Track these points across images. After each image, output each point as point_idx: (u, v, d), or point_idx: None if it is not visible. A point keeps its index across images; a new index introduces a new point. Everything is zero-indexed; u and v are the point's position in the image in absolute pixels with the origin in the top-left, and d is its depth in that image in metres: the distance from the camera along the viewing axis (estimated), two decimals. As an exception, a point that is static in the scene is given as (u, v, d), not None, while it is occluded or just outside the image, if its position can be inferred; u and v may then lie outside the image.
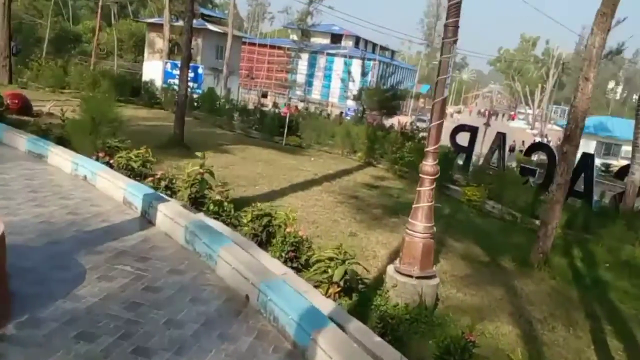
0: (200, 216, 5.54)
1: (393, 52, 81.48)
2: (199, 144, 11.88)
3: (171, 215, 4.94)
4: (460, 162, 16.31)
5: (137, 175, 7.15)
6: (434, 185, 4.83)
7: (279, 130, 15.54)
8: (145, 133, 12.06)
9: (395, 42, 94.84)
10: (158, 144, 10.65)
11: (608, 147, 38.81)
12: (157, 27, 37.61)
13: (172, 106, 18.03)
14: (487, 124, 39.82)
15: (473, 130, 19.11)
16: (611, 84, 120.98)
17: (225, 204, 5.85)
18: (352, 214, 8.06)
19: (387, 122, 17.82)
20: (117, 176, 6.09)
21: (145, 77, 38.45)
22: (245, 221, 5.43)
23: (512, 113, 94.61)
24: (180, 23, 31.23)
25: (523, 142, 43.38)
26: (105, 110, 7.52)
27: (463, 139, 19.51)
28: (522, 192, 11.96)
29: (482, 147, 19.35)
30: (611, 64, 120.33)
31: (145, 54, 39.81)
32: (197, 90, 26.05)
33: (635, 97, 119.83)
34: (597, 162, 36.39)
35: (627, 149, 38.33)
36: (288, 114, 15.71)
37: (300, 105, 51.59)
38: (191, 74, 27.25)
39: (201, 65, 25.74)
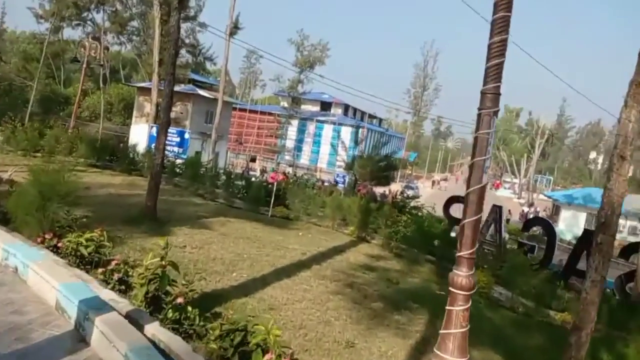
0: (155, 327, 4.24)
1: (381, 120, 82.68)
2: (174, 217, 10.66)
3: (109, 334, 3.65)
4: (454, 234, 15.28)
5: (87, 263, 5.89)
6: (470, 304, 3.64)
7: (265, 200, 14.41)
8: (115, 204, 10.83)
9: (382, 110, 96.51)
10: (126, 217, 9.42)
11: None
12: (146, 91, 37.39)
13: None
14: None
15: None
16: (592, 154, 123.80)
17: (189, 309, 4.57)
18: (348, 310, 6.76)
19: (378, 190, 16.86)
20: (53, 270, 4.82)
21: (132, 140, 37.78)
22: (212, 337, 4.14)
23: (497, 181, 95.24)
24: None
25: (510, 211, 42.76)
26: (57, 182, 6.34)
27: (457, 210, 18.58)
28: (531, 276, 10.79)
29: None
30: (591, 134, 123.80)
31: (133, 118, 39.36)
32: (183, 156, 25.08)
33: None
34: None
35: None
36: (275, 183, 14.64)
37: (289, 170, 50.96)
38: (177, 139, 26.44)
39: (188, 130, 25.00)
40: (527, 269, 10.85)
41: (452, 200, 18.83)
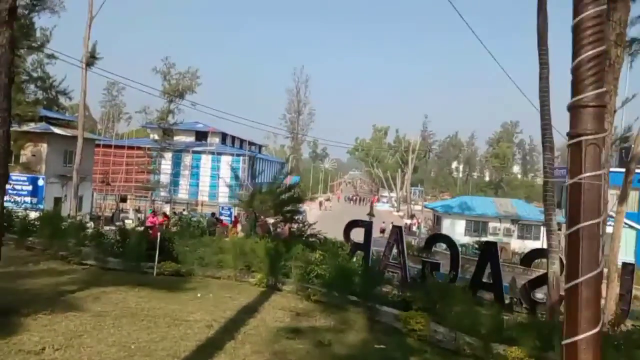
0: None
1: (260, 147, 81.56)
2: (25, 299, 7.95)
3: None
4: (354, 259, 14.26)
5: None
6: None
7: (147, 253, 11.95)
8: None
9: (259, 137, 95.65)
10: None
11: (477, 225, 40.51)
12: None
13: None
14: (371, 214, 39.48)
15: (367, 225, 17.40)
16: (454, 164, 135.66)
17: None
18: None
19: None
20: None
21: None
22: None
23: (374, 197, 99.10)
24: (15, 128, 26.26)
25: (392, 223, 44.02)
26: None
27: (357, 234, 17.69)
28: (461, 304, 9.89)
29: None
30: (451, 146, 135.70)
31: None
32: (39, 206, 21.11)
33: (475, 174, 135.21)
34: (469, 239, 37.71)
35: (493, 225, 40.34)
36: (158, 232, 12.24)
37: (166, 209, 47.10)
38: (29, 187, 22.22)
39: (43, 175, 21.11)
40: (457, 297, 9.95)
41: (351, 224, 17.93)
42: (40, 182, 20.22)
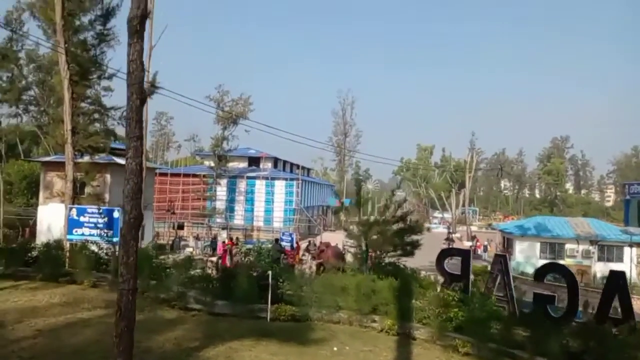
0: None
1: (308, 170, 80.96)
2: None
3: None
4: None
5: None
6: None
7: (258, 294, 10.73)
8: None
9: (306, 160, 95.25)
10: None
11: (552, 247, 37.90)
12: (55, 166, 32.05)
13: (89, 276, 12.60)
14: (449, 239, 37.58)
15: (465, 254, 15.71)
16: (503, 182, 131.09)
17: None
18: None
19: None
20: None
21: (42, 225, 31.81)
22: None
23: (445, 221, 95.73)
24: (86, 159, 26.08)
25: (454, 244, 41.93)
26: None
27: (454, 265, 16.06)
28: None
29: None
30: (498, 164, 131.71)
31: (41, 198, 33.46)
32: (113, 240, 20.40)
33: (525, 192, 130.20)
34: (545, 262, 35.12)
35: (570, 247, 37.67)
36: (270, 271, 11.00)
37: (224, 236, 46.57)
38: (103, 219, 21.63)
39: (117, 208, 20.51)
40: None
41: (445, 253, 16.22)
42: (116, 214, 19.53)
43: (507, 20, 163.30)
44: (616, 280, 13.33)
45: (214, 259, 26.56)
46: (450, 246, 28.62)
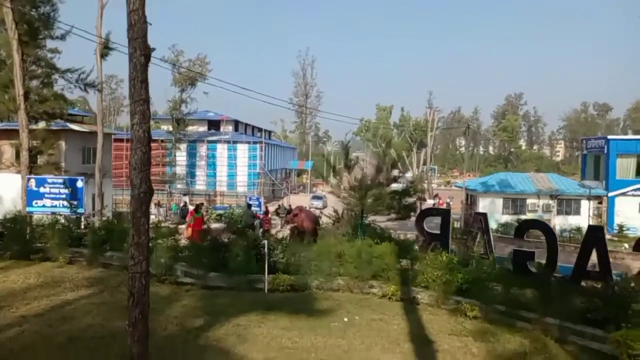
0: None
1: (270, 133, 79.68)
2: (161, 346, 6.31)
3: None
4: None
5: None
6: None
7: (256, 265, 10.25)
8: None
9: (265, 123, 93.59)
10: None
11: (514, 203, 39.07)
12: (4, 134, 29.98)
13: (64, 252, 11.70)
14: (421, 199, 37.88)
15: (445, 214, 15.70)
16: (458, 140, 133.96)
17: None
18: None
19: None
20: None
21: (-9, 197, 29.80)
22: None
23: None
24: (41, 126, 24.24)
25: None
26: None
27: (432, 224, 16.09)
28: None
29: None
30: (455, 122, 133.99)
31: (-12, 168, 31.22)
32: (80, 210, 19.28)
33: (480, 149, 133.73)
34: (507, 218, 36.25)
35: (531, 202, 38.84)
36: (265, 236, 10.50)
37: (186, 201, 45.42)
38: (66, 190, 20.31)
39: (80, 177, 19.25)
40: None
41: (425, 213, 16.13)
42: (80, 184, 18.43)
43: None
44: (594, 234, 13.60)
45: (183, 227, 25.67)
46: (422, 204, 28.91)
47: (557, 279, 11.27)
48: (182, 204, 40.52)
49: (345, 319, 8.14)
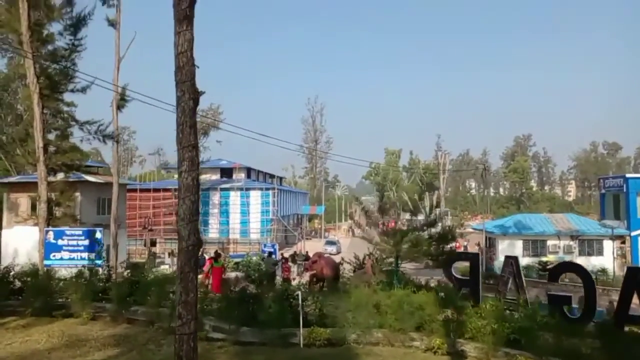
0: None
1: (281, 179, 79.91)
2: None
3: None
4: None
5: None
6: None
7: (290, 318, 9.71)
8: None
9: (277, 169, 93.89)
10: None
11: (534, 245, 38.20)
12: (20, 187, 30.08)
13: (87, 307, 11.24)
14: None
15: (474, 259, 15.10)
16: (468, 182, 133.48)
17: None
18: None
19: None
20: None
21: (6, 249, 29.58)
22: None
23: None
24: (60, 177, 24.24)
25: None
26: None
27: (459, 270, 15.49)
28: None
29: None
30: (464, 164, 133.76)
31: (5, 220, 31.19)
32: (98, 262, 18.95)
33: (491, 191, 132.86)
34: (528, 261, 35.22)
35: (552, 243, 37.94)
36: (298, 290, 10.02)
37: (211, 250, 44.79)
38: (85, 242, 20.03)
39: (99, 229, 19.05)
40: None
41: (453, 259, 15.51)
42: (99, 235, 18.15)
43: (463, 24, 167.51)
44: (633, 276, 12.91)
45: (201, 277, 25.08)
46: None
47: (597, 324, 10.62)
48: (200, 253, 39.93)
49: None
